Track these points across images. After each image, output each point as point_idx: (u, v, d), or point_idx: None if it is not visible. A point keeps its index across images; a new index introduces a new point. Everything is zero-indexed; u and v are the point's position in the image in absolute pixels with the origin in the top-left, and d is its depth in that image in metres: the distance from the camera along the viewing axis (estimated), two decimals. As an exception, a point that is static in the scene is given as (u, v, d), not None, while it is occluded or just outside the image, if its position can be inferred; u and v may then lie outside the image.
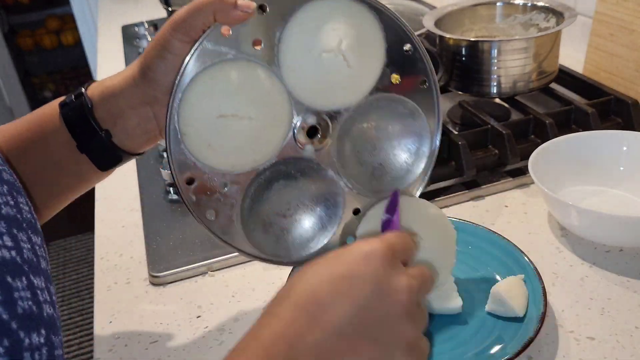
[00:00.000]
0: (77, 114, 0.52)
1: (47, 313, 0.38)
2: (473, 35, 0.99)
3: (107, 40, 1.60)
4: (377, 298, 0.40)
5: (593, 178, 0.75)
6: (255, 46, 0.50)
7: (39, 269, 0.40)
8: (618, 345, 0.55)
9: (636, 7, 0.87)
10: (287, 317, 0.40)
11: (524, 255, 0.61)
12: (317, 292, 0.40)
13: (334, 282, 0.40)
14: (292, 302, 0.40)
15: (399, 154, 0.59)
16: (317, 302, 0.40)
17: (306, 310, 0.39)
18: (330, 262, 0.42)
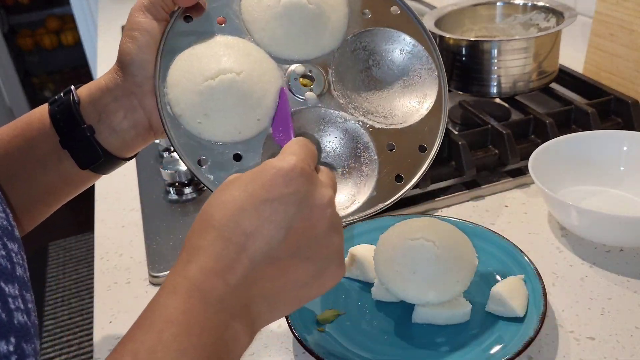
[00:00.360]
0: (63, 109, 0.53)
1: (19, 321, 0.37)
2: (473, 35, 0.99)
3: (107, 40, 1.60)
4: (303, 217, 0.40)
5: (593, 178, 0.75)
6: (220, 24, 0.52)
7: (12, 276, 0.39)
8: (618, 345, 0.55)
9: (636, 7, 0.87)
10: (214, 250, 0.39)
11: (524, 255, 0.61)
12: (240, 221, 0.39)
13: (257, 208, 0.39)
14: (216, 234, 0.39)
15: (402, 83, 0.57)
16: (243, 231, 0.39)
17: (233, 242, 0.39)
18: (247, 185, 0.40)
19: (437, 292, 0.56)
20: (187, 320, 0.36)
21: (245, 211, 0.39)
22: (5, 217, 0.42)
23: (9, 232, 0.41)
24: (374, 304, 0.60)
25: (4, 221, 0.41)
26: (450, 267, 0.56)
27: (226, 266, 0.38)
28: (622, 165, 0.74)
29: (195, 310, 0.37)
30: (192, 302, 0.37)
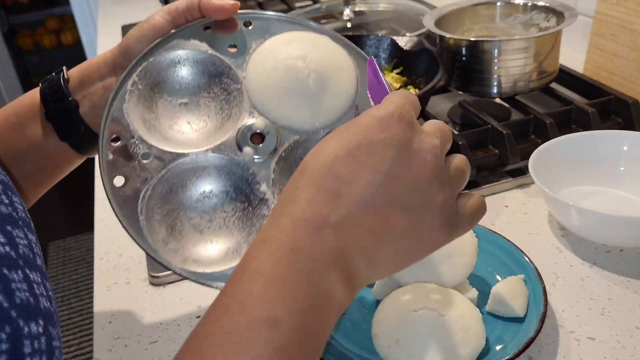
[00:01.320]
0: (52, 85, 0.55)
1: (44, 306, 0.38)
2: (473, 35, 0.99)
3: (107, 40, 1.60)
4: (401, 162, 0.37)
5: (593, 178, 0.75)
6: (230, 49, 0.53)
7: (34, 265, 0.40)
8: (618, 346, 0.55)
9: (636, 7, 0.87)
10: (305, 198, 0.37)
11: (524, 255, 0.61)
12: (334, 167, 0.37)
13: (351, 153, 0.37)
14: (307, 182, 0.37)
15: None
16: (336, 177, 0.37)
17: (325, 188, 0.37)
18: (343, 133, 0.38)
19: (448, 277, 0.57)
20: (276, 270, 0.35)
21: (339, 157, 0.37)
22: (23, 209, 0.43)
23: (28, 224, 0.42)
24: (374, 304, 0.60)
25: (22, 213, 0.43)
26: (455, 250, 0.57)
27: (317, 214, 0.36)
28: (622, 165, 0.74)
29: (285, 261, 0.35)
30: (281, 252, 0.35)
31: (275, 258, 0.35)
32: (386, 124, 0.38)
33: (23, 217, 0.42)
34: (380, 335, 0.53)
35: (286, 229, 0.36)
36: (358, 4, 1.31)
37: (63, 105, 0.55)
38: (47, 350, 0.37)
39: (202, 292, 0.66)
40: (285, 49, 0.52)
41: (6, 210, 0.40)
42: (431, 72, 0.85)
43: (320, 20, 1.30)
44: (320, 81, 0.51)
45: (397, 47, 0.95)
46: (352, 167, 0.37)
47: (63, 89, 0.55)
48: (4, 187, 0.42)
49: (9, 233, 0.39)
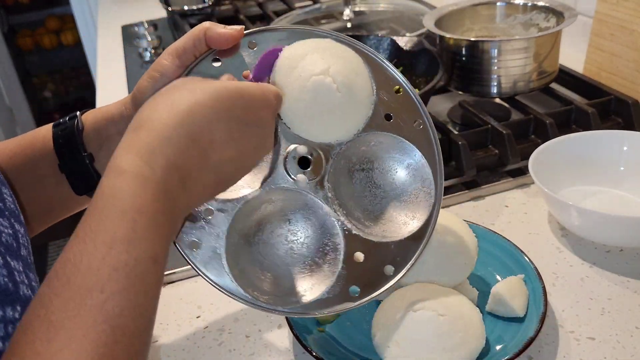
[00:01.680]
0: (66, 133, 0.53)
1: (24, 293, 0.39)
2: (473, 35, 0.99)
3: (107, 40, 1.60)
4: (254, 151, 0.45)
5: (593, 178, 0.75)
6: (245, 78, 0.51)
7: (17, 254, 0.40)
8: (618, 346, 0.55)
9: (636, 7, 0.87)
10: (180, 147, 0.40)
11: (524, 255, 0.61)
12: (212, 131, 0.41)
13: (230, 127, 0.42)
14: (185, 133, 0.40)
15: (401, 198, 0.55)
16: (211, 140, 0.41)
17: (199, 144, 0.41)
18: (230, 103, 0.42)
19: (449, 277, 0.56)
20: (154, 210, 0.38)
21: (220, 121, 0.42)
22: (13, 201, 0.43)
23: (16, 215, 0.43)
24: (374, 304, 0.60)
25: (11, 204, 0.43)
26: (455, 250, 0.56)
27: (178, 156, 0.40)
28: (622, 165, 0.74)
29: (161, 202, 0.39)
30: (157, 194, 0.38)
31: (154, 198, 0.38)
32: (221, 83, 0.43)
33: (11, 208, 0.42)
34: (380, 336, 0.53)
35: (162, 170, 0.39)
36: (358, 4, 1.31)
37: (78, 160, 0.53)
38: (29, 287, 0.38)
39: (202, 292, 0.66)
40: (305, 65, 0.51)
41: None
42: (431, 72, 0.86)
43: (320, 21, 1.30)
44: (347, 91, 0.51)
45: (397, 47, 0.95)
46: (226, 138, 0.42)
47: (77, 141, 0.53)
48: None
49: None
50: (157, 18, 1.66)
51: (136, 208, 0.37)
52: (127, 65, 1.38)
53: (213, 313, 0.63)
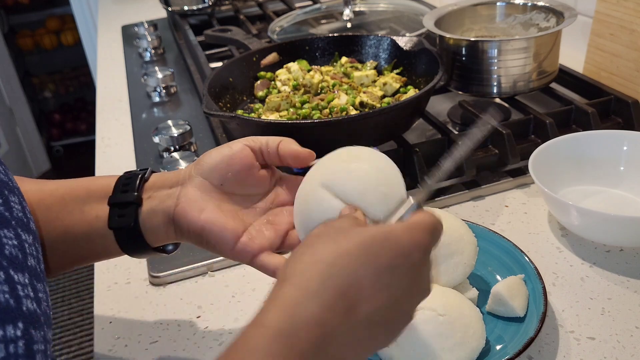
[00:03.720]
0: (125, 226, 0.52)
1: (28, 308, 0.38)
2: (473, 35, 0.99)
3: (107, 40, 1.60)
4: (410, 293, 0.40)
5: (593, 178, 0.75)
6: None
7: (23, 265, 0.40)
8: (618, 345, 0.55)
9: (636, 7, 0.87)
10: (326, 301, 0.37)
11: (524, 255, 0.61)
12: (360, 280, 0.38)
13: (379, 273, 0.38)
14: (332, 285, 0.37)
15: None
16: (359, 290, 0.38)
17: (347, 297, 0.37)
18: (376, 250, 0.39)
19: (449, 277, 0.56)
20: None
21: (368, 274, 0.38)
22: (22, 209, 0.43)
23: (24, 224, 0.42)
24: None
25: (19, 213, 0.42)
26: (455, 250, 0.56)
27: (332, 320, 0.37)
28: (622, 165, 0.74)
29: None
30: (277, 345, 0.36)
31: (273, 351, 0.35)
32: (414, 251, 0.40)
33: (19, 217, 0.42)
34: None
35: (300, 325, 0.36)
36: (358, 4, 1.31)
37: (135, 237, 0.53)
38: (26, 355, 0.36)
39: (202, 292, 0.66)
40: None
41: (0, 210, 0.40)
42: (431, 72, 0.86)
43: (320, 21, 1.30)
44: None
45: (397, 47, 0.95)
46: (375, 286, 0.38)
47: (138, 233, 0.52)
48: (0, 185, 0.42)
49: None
50: (157, 18, 1.66)
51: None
52: (127, 65, 1.38)
53: (213, 313, 0.63)
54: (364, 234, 0.39)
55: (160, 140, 0.90)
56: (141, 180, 0.53)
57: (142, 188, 0.53)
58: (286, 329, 0.36)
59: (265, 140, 0.53)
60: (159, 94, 1.16)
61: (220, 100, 0.87)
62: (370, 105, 0.84)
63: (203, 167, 0.52)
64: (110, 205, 0.53)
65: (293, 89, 0.91)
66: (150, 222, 0.52)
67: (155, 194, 0.53)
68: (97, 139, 1.06)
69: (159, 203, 0.52)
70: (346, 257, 0.38)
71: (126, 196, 0.52)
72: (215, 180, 0.52)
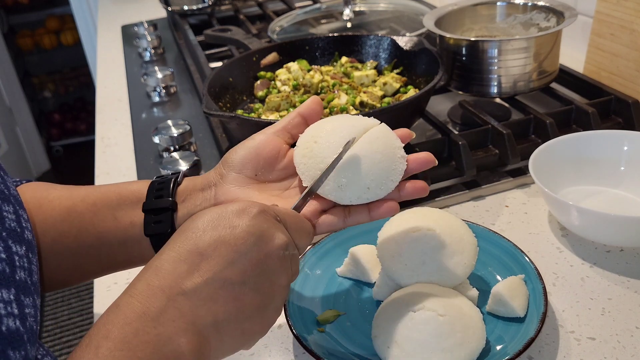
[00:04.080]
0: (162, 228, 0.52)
1: (20, 276, 0.38)
2: (473, 35, 0.99)
3: (107, 40, 1.60)
4: (258, 248, 0.42)
5: (593, 178, 0.75)
6: None
7: (21, 238, 0.40)
8: (619, 346, 0.55)
9: (636, 6, 0.87)
10: (165, 269, 0.41)
11: (525, 255, 0.61)
12: (199, 242, 0.41)
13: (217, 231, 0.42)
14: (173, 255, 0.41)
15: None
16: (199, 252, 0.41)
17: (186, 260, 0.41)
18: (215, 213, 0.43)
19: (449, 277, 0.56)
20: (123, 334, 0.37)
21: (206, 232, 0.42)
22: (16, 218, 0.42)
23: (17, 234, 0.41)
24: (374, 304, 0.60)
25: (13, 223, 0.42)
26: (455, 250, 0.56)
27: (174, 282, 0.40)
28: (622, 165, 0.74)
29: (134, 324, 0.38)
30: (132, 316, 0.38)
31: (125, 322, 0.38)
32: (253, 215, 0.43)
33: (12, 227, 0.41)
34: (380, 336, 0.53)
35: (141, 295, 0.39)
36: (358, 4, 1.31)
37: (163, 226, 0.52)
38: (20, 316, 0.37)
39: (202, 292, 0.66)
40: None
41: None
42: (431, 72, 0.85)
43: (320, 20, 1.30)
44: None
45: (397, 47, 0.95)
46: (215, 244, 0.41)
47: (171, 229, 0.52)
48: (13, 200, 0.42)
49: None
50: (157, 18, 1.66)
51: (104, 333, 0.38)
52: (127, 65, 1.38)
53: (213, 313, 0.63)
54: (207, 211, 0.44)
55: (160, 140, 0.90)
56: (174, 185, 0.53)
57: (176, 193, 0.53)
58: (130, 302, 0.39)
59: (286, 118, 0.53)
60: (158, 94, 1.16)
61: (220, 100, 0.87)
62: (370, 105, 0.84)
63: (233, 163, 0.52)
64: (145, 212, 0.52)
65: (293, 89, 0.91)
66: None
67: (189, 198, 0.53)
68: (96, 139, 1.06)
69: (196, 207, 0.52)
70: (185, 229, 0.43)
71: (161, 202, 0.52)
72: (249, 172, 0.52)
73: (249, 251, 0.42)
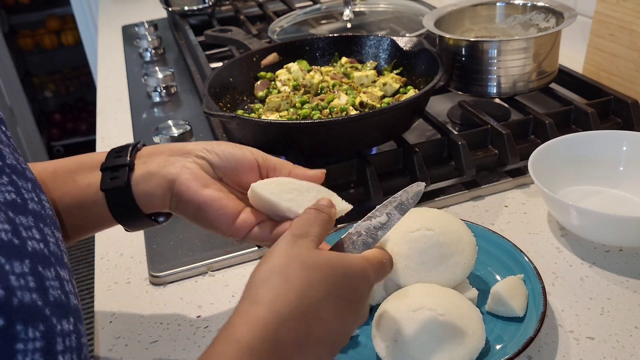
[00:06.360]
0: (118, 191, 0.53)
1: (74, 303, 0.40)
2: (473, 35, 0.99)
3: (107, 40, 1.60)
4: (354, 320, 0.46)
5: (593, 178, 0.75)
6: None
7: (63, 262, 0.41)
8: (618, 345, 0.55)
9: (636, 7, 0.87)
10: (293, 327, 0.41)
11: (524, 255, 0.61)
12: (321, 309, 0.43)
13: (336, 304, 0.44)
14: (300, 313, 0.42)
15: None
16: (319, 317, 0.43)
17: (308, 324, 0.42)
18: (337, 282, 0.44)
19: (448, 277, 0.56)
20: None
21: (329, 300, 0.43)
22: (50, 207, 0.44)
23: (54, 222, 0.43)
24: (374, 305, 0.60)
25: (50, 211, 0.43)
26: (454, 250, 0.56)
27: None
28: (622, 165, 0.75)
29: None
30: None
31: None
32: (362, 280, 0.46)
33: (50, 215, 0.42)
34: (379, 336, 0.53)
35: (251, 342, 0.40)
36: (358, 5, 1.31)
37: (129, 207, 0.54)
38: (77, 347, 0.38)
39: (202, 292, 0.67)
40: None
41: (37, 208, 0.40)
42: (431, 72, 0.86)
43: (320, 21, 1.30)
44: None
45: (397, 48, 0.95)
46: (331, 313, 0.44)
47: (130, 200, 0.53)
48: (32, 184, 0.42)
49: (41, 230, 0.39)
50: (157, 18, 1.66)
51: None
52: (127, 65, 1.38)
53: (213, 313, 0.63)
54: (328, 265, 0.44)
55: (161, 140, 0.90)
56: (133, 149, 0.55)
57: (135, 155, 0.55)
58: (257, 348, 0.39)
59: (273, 164, 0.55)
60: (159, 94, 1.16)
61: (221, 101, 0.88)
62: (370, 105, 0.84)
63: (211, 156, 0.54)
64: (103, 170, 0.54)
65: (293, 89, 0.91)
66: (146, 185, 0.53)
67: (151, 159, 0.54)
68: (97, 138, 1.07)
69: (158, 168, 0.53)
70: (315, 289, 0.43)
71: (119, 160, 0.54)
72: (219, 172, 0.54)
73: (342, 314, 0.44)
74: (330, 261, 0.44)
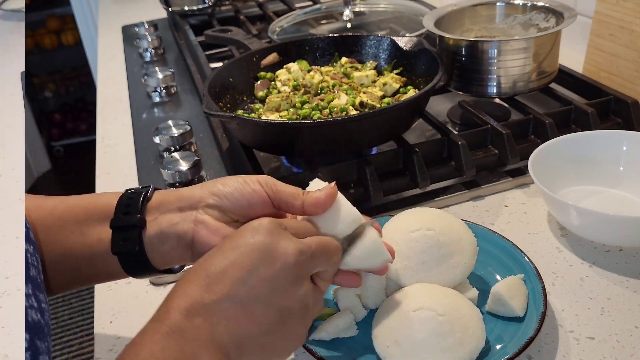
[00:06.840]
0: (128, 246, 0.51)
1: (32, 318, 0.39)
2: (473, 35, 0.99)
3: (107, 40, 1.60)
4: (265, 263, 0.43)
5: (593, 178, 0.75)
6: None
7: (26, 276, 0.40)
8: (618, 345, 0.55)
9: (636, 7, 0.87)
10: (187, 293, 0.43)
11: (524, 255, 0.61)
12: (207, 266, 0.44)
13: (224, 254, 0.44)
14: (186, 279, 0.44)
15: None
16: (209, 276, 0.43)
17: (200, 285, 0.43)
18: (224, 243, 0.45)
19: (448, 276, 0.56)
20: (151, 352, 0.40)
21: (214, 257, 0.44)
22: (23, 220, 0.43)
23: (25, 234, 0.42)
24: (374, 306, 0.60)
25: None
26: (454, 250, 0.56)
27: (190, 304, 0.42)
28: (622, 165, 0.75)
29: (160, 343, 0.40)
30: (156, 337, 0.41)
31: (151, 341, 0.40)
32: (256, 230, 0.45)
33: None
34: (380, 335, 0.53)
35: (163, 317, 0.42)
36: (358, 5, 1.31)
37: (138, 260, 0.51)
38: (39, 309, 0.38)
39: (202, 292, 0.66)
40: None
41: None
42: (431, 72, 0.86)
43: (320, 21, 1.30)
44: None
45: (397, 48, 0.95)
46: (223, 267, 0.43)
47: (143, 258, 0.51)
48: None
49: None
50: (157, 18, 1.66)
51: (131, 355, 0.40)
52: (127, 65, 1.38)
53: (213, 313, 0.63)
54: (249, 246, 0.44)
55: (161, 140, 0.90)
56: (144, 200, 0.52)
57: (145, 209, 0.52)
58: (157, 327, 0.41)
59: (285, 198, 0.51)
60: (159, 94, 1.16)
61: (221, 101, 0.88)
62: (370, 105, 0.84)
63: (222, 202, 0.51)
64: (113, 229, 0.51)
65: (293, 89, 0.91)
66: (160, 246, 0.51)
67: (162, 217, 0.51)
68: (97, 139, 1.07)
69: (170, 225, 0.51)
70: (200, 261, 0.45)
71: (129, 219, 0.51)
72: (232, 215, 0.51)
73: (256, 268, 0.43)
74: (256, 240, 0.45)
